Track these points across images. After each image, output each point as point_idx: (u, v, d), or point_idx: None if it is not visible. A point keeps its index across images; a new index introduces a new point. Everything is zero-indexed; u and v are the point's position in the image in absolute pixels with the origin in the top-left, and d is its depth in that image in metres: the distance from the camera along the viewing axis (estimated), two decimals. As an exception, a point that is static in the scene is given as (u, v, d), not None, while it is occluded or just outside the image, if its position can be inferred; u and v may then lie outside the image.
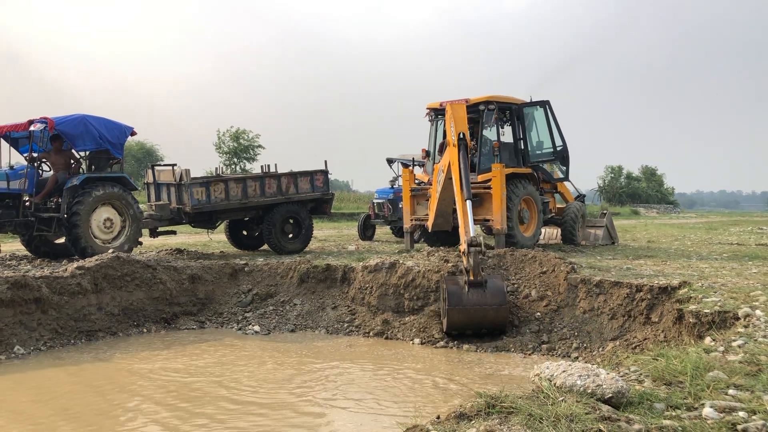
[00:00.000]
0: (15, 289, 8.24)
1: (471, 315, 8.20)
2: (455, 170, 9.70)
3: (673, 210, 50.38)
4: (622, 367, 4.58)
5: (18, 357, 7.87)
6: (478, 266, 8.28)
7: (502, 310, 8.23)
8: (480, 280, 8.24)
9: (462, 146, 9.82)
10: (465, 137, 9.90)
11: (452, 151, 9.90)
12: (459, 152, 9.76)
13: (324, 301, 9.88)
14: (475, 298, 8.16)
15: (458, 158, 9.71)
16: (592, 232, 14.47)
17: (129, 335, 9.14)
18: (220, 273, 10.47)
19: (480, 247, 8.33)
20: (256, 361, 7.86)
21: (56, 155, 11.69)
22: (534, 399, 3.48)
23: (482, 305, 8.17)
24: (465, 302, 8.17)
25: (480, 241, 8.41)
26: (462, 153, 9.77)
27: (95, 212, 11.19)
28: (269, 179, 13.04)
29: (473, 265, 8.24)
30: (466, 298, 8.18)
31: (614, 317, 7.90)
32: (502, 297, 8.23)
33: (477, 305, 8.14)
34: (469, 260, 8.28)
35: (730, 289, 7.13)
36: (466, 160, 9.82)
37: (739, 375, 3.94)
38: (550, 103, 13.26)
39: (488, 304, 8.17)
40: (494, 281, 8.42)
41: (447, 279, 8.65)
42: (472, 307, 8.15)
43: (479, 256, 8.33)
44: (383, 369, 7.44)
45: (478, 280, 8.23)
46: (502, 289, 8.32)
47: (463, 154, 9.76)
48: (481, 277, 8.27)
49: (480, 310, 8.17)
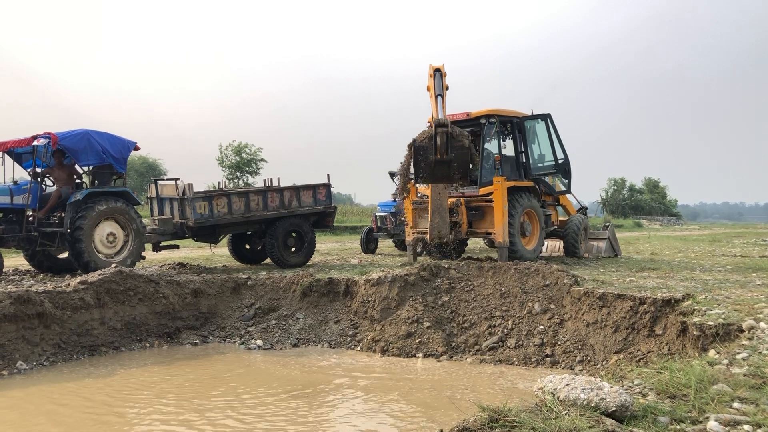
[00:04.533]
0: (18, 304, 8.24)
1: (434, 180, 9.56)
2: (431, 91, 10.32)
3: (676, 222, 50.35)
4: (625, 380, 4.57)
5: (21, 372, 7.85)
6: (444, 145, 9.16)
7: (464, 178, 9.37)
8: (447, 158, 9.13)
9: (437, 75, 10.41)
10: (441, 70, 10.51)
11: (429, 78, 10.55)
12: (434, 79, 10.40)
13: (327, 315, 9.86)
14: (443, 172, 9.30)
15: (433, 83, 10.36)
16: (595, 244, 14.44)
17: (132, 350, 9.13)
18: (222, 287, 10.47)
19: (446, 127, 9.18)
20: (259, 376, 7.84)
21: (59, 170, 11.74)
22: (537, 413, 3.47)
23: (447, 176, 9.40)
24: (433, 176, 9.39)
25: (446, 122, 9.23)
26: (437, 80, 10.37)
27: (98, 227, 11.21)
28: (272, 193, 13.07)
29: (439, 144, 9.15)
30: (435, 173, 9.32)
31: (618, 330, 7.87)
32: (463, 172, 9.16)
33: (441, 177, 9.36)
34: (436, 140, 9.17)
35: (734, 301, 7.11)
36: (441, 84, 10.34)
37: (743, 388, 3.92)
38: (551, 116, 13.30)
39: (452, 176, 9.29)
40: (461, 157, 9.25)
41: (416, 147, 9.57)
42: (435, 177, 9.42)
43: (444, 137, 9.17)
44: (385, 383, 7.41)
45: (445, 158, 9.12)
46: (465, 165, 9.23)
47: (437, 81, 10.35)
48: (448, 156, 9.12)
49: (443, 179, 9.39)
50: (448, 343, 8.63)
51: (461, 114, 12.70)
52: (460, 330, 8.87)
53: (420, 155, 9.62)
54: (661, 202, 57.94)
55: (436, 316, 9.05)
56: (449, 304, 9.26)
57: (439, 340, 8.65)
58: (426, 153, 9.61)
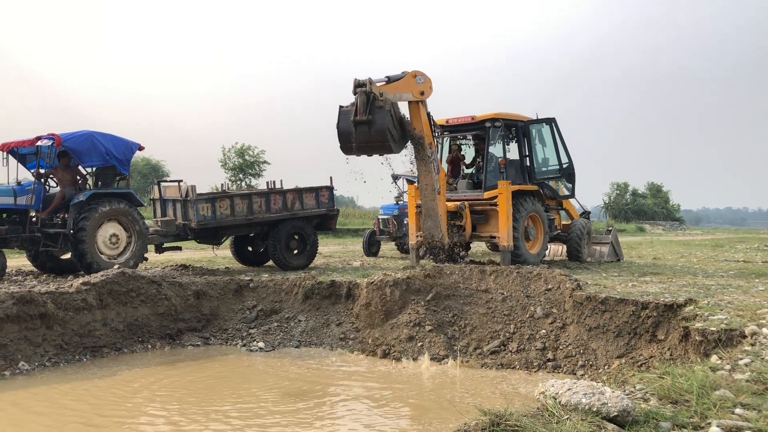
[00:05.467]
0: (20, 304, 8.25)
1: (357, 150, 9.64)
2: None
3: (678, 227, 50.23)
4: (627, 385, 4.55)
5: (23, 373, 7.86)
6: (364, 105, 9.38)
7: (385, 147, 9.52)
8: (365, 119, 9.33)
9: None
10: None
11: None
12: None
13: (328, 318, 9.86)
14: (362, 137, 9.46)
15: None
16: (598, 248, 14.44)
17: (134, 351, 9.14)
18: (225, 289, 10.47)
19: (365, 87, 9.39)
20: (260, 378, 7.84)
21: (63, 171, 11.77)
22: (539, 417, 3.46)
23: (368, 143, 9.53)
24: (353, 140, 9.56)
25: (365, 81, 9.43)
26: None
27: (101, 228, 11.23)
28: (274, 195, 13.08)
29: (358, 105, 9.41)
30: (354, 136, 9.49)
31: (620, 335, 7.85)
32: (383, 136, 9.31)
33: (363, 143, 9.52)
34: (356, 101, 9.44)
35: (737, 306, 7.09)
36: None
37: (746, 394, 3.91)
38: (555, 120, 13.31)
39: (372, 141, 9.44)
40: (379, 119, 9.41)
41: (341, 112, 9.82)
42: (358, 143, 9.55)
43: (364, 96, 9.40)
44: (386, 386, 7.40)
45: (363, 119, 9.33)
46: (383, 128, 9.33)
47: None
48: (366, 117, 9.32)
49: (366, 147, 9.58)
50: (450, 347, 8.62)
51: (466, 117, 12.71)
52: (462, 334, 8.86)
53: (344, 121, 9.87)
54: (664, 206, 57.82)
55: (437, 319, 9.04)
56: (451, 307, 9.25)
57: (440, 344, 8.64)
58: (348, 117, 9.87)
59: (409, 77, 10.77)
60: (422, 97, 10.92)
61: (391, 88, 10.34)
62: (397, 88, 10.46)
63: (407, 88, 10.67)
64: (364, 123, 9.44)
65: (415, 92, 10.80)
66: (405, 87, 10.63)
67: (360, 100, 9.44)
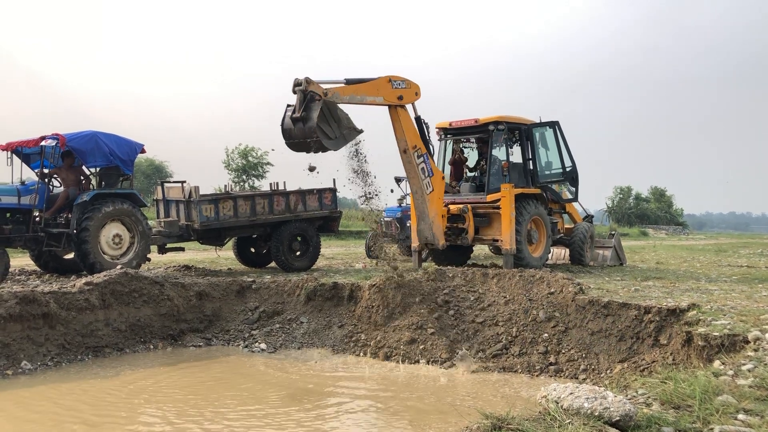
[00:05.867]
0: (23, 304, 8.27)
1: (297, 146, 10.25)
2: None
3: (682, 231, 50.13)
4: (629, 389, 4.55)
5: (25, 372, 7.87)
6: (300, 103, 9.88)
7: (319, 143, 10.01)
8: (299, 116, 9.86)
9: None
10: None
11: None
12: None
13: (331, 320, 9.86)
14: (299, 133, 10.06)
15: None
16: (601, 252, 14.41)
17: (136, 351, 9.14)
18: (227, 290, 10.48)
19: (302, 86, 9.84)
20: (262, 379, 7.84)
21: (67, 171, 11.79)
22: (541, 421, 3.46)
23: (303, 139, 10.07)
24: (292, 136, 10.17)
25: (302, 81, 9.85)
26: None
27: (104, 228, 11.24)
28: (278, 197, 13.09)
29: (296, 103, 9.93)
30: (293, 132, 10.12)
31: (622, 339, 7.84)
32: (314, 133, 9.88)
33: (300, 139, 10.12)
34: (296, 99, 9.99)
35: (740, 311, 7.07)
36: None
37: (748, 399, 3.90)
38: (559, 123, 13.30)
39: (307, 138, 10.03)
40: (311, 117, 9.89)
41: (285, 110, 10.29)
42: (296, 140, 10.17)
43: (301, 95, 9.86)
44: (388, 389, 7.40)
45: (299, 116, 9.87)
46: (314, 125, 9.85)
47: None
48: (300, 114, 9.86)
49: (303, 144, 10.15)
50: (452, 350, 8.62)
51: (469, 120, 12.71)
52: (464, 337, 8.85)
53: (286, 119, 10.32)
54: (667, 211, 57.69)
55: (439, 322, 9.03)
56: (453, 310, 9.25)
57: (442, 347, 8.63)
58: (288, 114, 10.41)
59: (382, 81, 10.86)
60: (400, 102, 11.04)
61: (349, 90, 10.48)
62: (358, 91, 10.57)
63: (376, 91, 10.75)
64: (299, 120, 9.94)
65: (388, 97, 10.91)
66: (372, 90, 10.72)
67: (297, 98, 9.93)
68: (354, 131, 10.47)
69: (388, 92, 10.88)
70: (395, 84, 10.96)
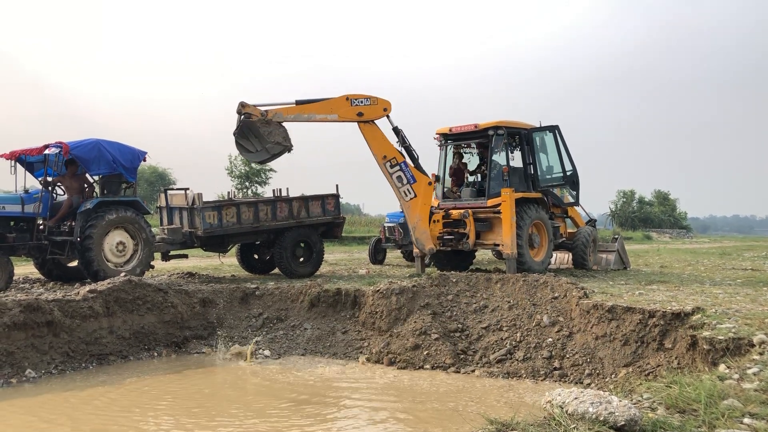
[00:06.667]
0: (27, 312, 8.28)
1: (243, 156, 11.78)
2: None
3: (686, 235, 50.06)
4: (634, 394, 4.53)
5: (29, 380, 7.88)
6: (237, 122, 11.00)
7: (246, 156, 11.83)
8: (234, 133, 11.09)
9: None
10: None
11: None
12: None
13: (334, 326, 9.85)
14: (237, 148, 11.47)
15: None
16: (604, 256, 14.38)
17: (140, 359, 9.15)
18: (231, 297, 10.49)
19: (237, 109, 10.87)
20: (266, 386, 7.83)
21: (71, 179, 11.81)
22: (545, 426, 3.45)
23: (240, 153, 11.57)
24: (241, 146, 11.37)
25: (240, 108, 10.86)
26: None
27: (108, 236, 11.26)
28: (281, 203, 13.10)
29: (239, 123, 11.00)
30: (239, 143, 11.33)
31: (627, 343, 7.82)
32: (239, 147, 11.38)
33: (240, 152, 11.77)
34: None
35: (745, 315, 7.05)
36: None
37: (754, 403, 3.89)
38: (559, 127, 13.30)
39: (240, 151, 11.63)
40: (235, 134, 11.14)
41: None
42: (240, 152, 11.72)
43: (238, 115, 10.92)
44: (392, 395, 7.39)
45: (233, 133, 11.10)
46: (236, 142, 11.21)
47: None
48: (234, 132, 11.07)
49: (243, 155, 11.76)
50: (456, 355, 8.61)
51: (469, 125, 12.72)
52: (468, 342, 8.84)
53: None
54: (671, 214, 57.61)
55: (443, 327, 9.02)
56: (457, 316, 9.24)
57: (446, 352, 8.62)
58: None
59: (339, 100, 11.52)
60: (359, 118, 11.61)
61: (294, 110, 11.28)
62: (305, 110, 11.31)
63: (329, 110, 11.42)
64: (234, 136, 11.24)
65: (344, 114, 11.54)
66: (325, 109, 11.40)
67: (237, 118, 11.03)
68: (279, 146, 11.16)
69: (345, 110, 11.53)
70: (355, 102, 11.59)
